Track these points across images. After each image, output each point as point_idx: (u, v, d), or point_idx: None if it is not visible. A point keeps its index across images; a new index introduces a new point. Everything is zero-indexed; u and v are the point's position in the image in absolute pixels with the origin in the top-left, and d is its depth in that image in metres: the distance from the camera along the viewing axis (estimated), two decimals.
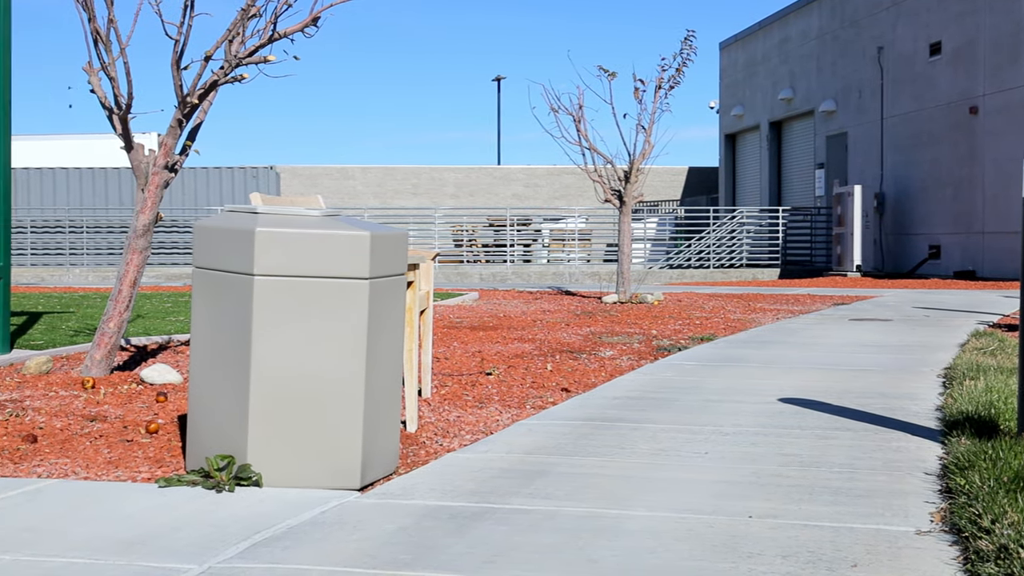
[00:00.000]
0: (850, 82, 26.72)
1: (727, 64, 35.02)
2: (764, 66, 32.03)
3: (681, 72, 15.44)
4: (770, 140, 31.80)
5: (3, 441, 5.00)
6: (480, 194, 38.91)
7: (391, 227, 4.56)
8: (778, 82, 30.87)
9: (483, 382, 7.07)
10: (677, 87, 15.45)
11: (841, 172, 27.09)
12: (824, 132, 28.10)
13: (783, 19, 30.75)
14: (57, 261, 27.87)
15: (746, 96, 33.37)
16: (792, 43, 30.11)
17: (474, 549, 3.45)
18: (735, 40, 34.23)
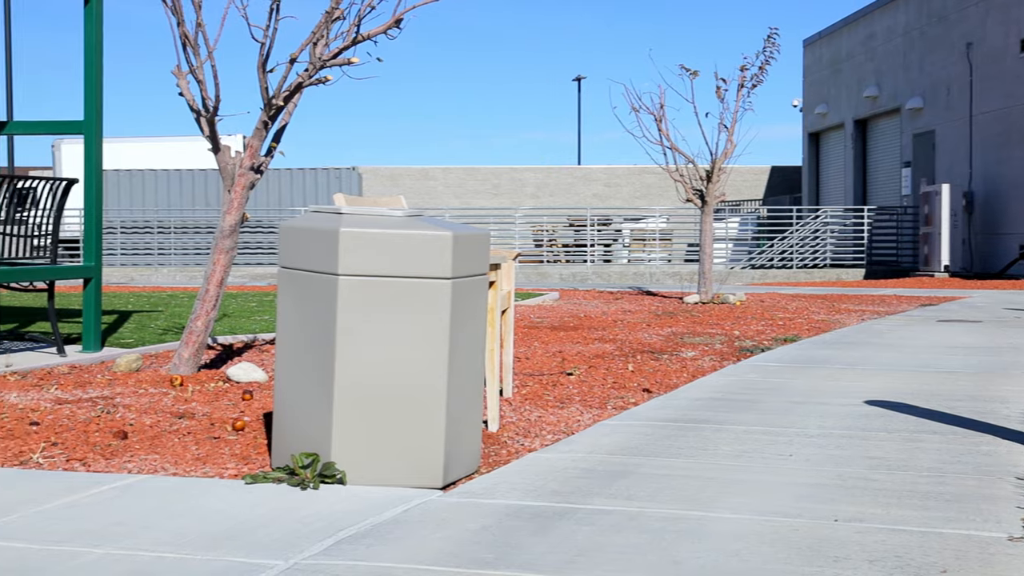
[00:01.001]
0: (938, 79, 26.22)
1: (811, 62, 34.58)
2: (849, 63, 31.57)
3: (764, 70, 15.28)
4: (855, 138, 31.34)
5: (95, 437, 5.12)
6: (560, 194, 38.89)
7: (473, 227, 4.58)
8: (863, 79, 30.41)
9: (564, 382, 7.07)
10: (760, 85, 15.31)
11: (928, 171, 26.60)
12: (911, 130, 27.61)
13: (868, 15, 30.28)
14: (146, 261, 28.43)
15: (830, 94, 32.93)
16: (878, 40, 29.64)
17: (557, 549, 3.45)
18: (819, 37, 33.79)
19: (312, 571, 3.23)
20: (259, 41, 6.85)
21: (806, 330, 10.80)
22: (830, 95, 32.95)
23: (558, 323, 11.45)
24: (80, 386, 6.56)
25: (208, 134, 7.09)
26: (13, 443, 4.98)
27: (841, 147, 32.51)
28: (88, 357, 7.96)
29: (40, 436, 5.11)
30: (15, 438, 5.07)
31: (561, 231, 28.44)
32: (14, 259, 8.29)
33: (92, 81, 8.34)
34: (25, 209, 8.40)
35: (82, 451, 4.87)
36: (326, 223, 4.33)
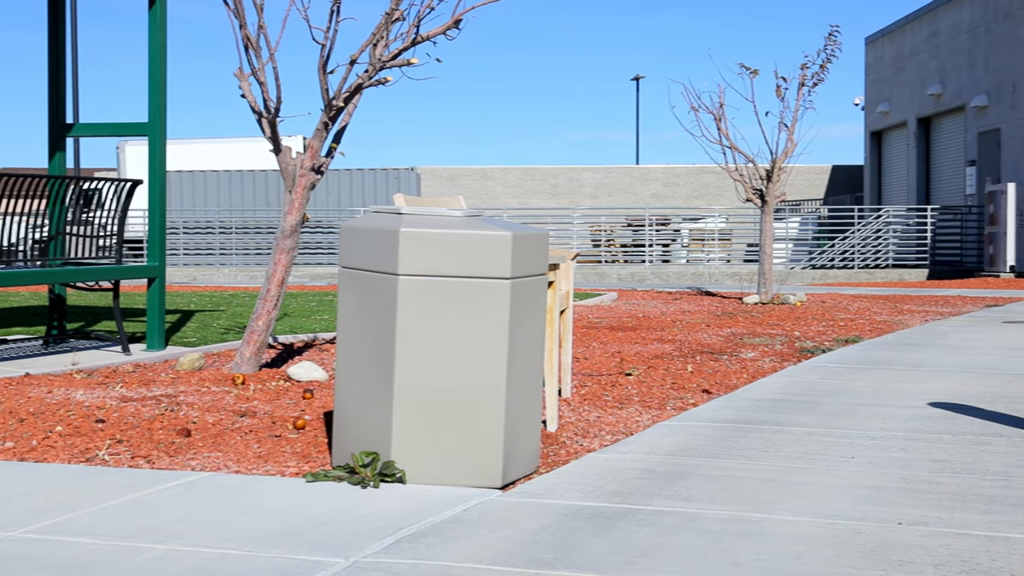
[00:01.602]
0: (1003, 76, 25.79)
1: (873, 60, 34.17)
2: (912, 61, 31.16)
3: (825, 68, 15.14)
4: (918, 137, 30.91)
5: (159, 435, 5.19)
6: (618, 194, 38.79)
7: (532, 227, 4.58)
8: (927, 77, 29.99)
9: (623, 382, 7.05)
10: (821, 84, 15.16)
11: (994, 169, 26.16)
12: (975, 128, 27.18)
13: (932, 12, 29.87)
14: (208, 261, 28.76)
15: (893, 92, 32.52)
16: (942, 37, 29.22)
17: (616, 550, 3.44)
18: (881, 35, 33.38)
19: (372, 569, 3.25)
20: (320, 43, 6.90)
21: (868, 331, 10.67)
22: (892, 93, 32.54)
23: (616, 323, 11.42)
24: (144, 384, 6.65)
25: (269, 135, 7.15)
26: (80, 440, 5.06)
27: (904, 146, 32.09)
28: (152, 356, 8.07)
29: (106, 433, 5.19)
30: (82, 435, 5.16)
31: (619, 231, 28.36)
32: (80, 259, 8.42)
33: (156, 83, 8.45)
34: (91, 210, 8.53)
35: (146, 448, 4.94)
36: (386, 223, 4.36)
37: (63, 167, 9.03)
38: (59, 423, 5.38)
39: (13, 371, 7.19)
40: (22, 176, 7.69)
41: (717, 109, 15.29)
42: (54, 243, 8.34)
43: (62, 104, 9.03)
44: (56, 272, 8.03)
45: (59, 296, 9.04)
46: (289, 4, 7.00)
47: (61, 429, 5.26)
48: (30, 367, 7.41)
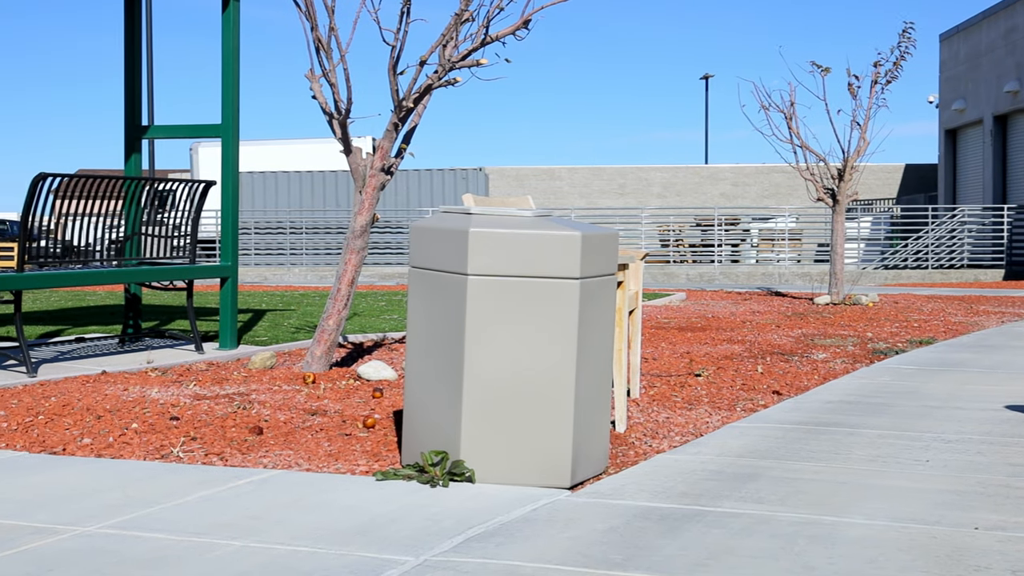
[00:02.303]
0: None
1: (947, 56, 33.61)
2: (988, 58, 30.59)
3: (898, 66, 14.92)
4: (994, 135, 30.34)
5: (232, 432, 5.26)
6: (687, 194, 38.56)
7: (601, 227, 4.57)
8: (1003, 75, 29.42)
9: (692, 383, 7.01)
10: (894, 81, 14.95)
11: None
12: None
13: (1009, 8, 29.29)
14: (278, 261, 29.07)
15: (968, 89, 31.95)
16: (1019, 33, 28.64)
17: (686, 551, 3.42)
18: (956, 31, 32.81)
19: (442, 568, 3.26)
20: (390, 44, 6.95)
21: (942, 332, 10.50)
22: (968, 90, 31.97)
23: (685, 324, 11.36)
24: (217, 382, 6.74)
25: (340, 136, 7.21)
26: (155, 437, 5.15)
27: (979, 144, 31.52)
28: (224, 354, 8.18)
29: (180, 431, 5.27)
30: (156, 432, 5.24)
31: (688, 231, 28.19)
32: (155, 259, 8.56)
33: (229, 85, 8.56)
34: (165, 211, 8.67)
35: (219, 446, 5.01)
36: (456, 223, 4.37)
37: (139, 168, 9.19)
38: (135, 420, 5.47)
39: (91, 369, 7.33)
40: (100, 177, 7.84)
41: (788, 108, 15.15)
42: (130, 243, 8.48)
43: (138, 107, 9.18)
44: (132, 272, 8.17)
45: (135, 295, 9.19)
46: (360, 6, 7.06)
47: (137, 426, 5.35)
48: (107, 365, 7.55)
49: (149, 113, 24.03)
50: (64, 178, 7.51)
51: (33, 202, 7.22)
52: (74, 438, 5.15)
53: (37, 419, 5.50)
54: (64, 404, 5.83)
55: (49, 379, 6.74)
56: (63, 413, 5.63)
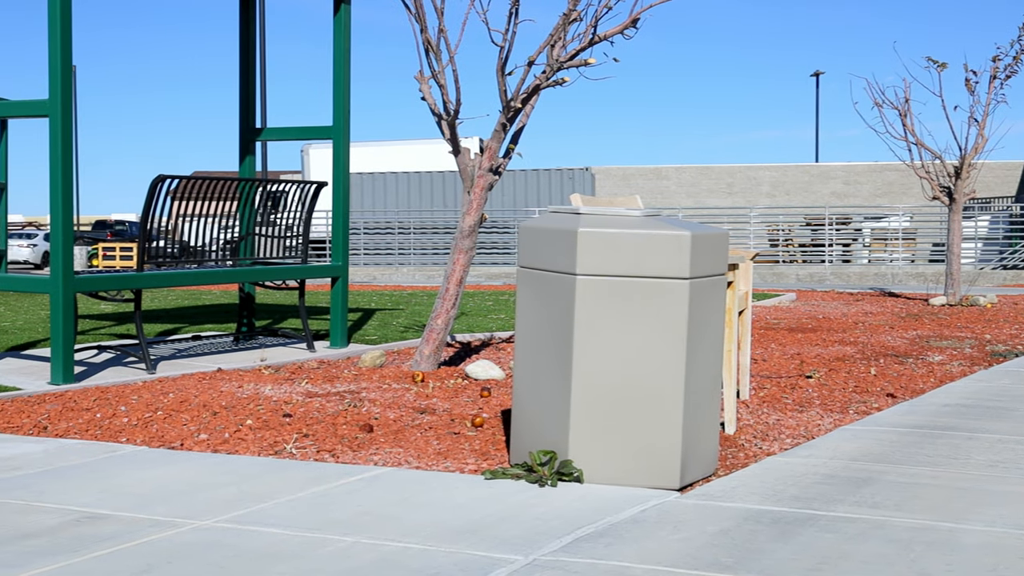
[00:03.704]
0: None
1: None
2: None
3: (1018, 60, 14.49)
4: None
5: (343, 429, 5.33)
6: (797, 192, 37.98)
7: (711, 227, 4.53)
8: None
9: (803, 385, 6.90)
10: (1014, 76, 14.52)
11: None
12: None
13: None
14: (387, 261, 29.40)
15: None
16: None
17: (798, 555, 3.37)
18: None
19: (551, 568, 3.26)
20: (498, 45, 6.98)
21: None
22: None
23: (796, 324, 11.19)
24: (328, 380, 6.85)
25: (449, 137, 7.27)
26: (269, 433, 5.25)
27: None
28: (335, 353, 8.31)
29: (293, 428, 5.36)
30: (270, 429, 5.34)
31: (798, 230, 27.77)
32: (268, 259, 8.72)
33: (340, 87, 8.69)
34: (278, 211, 8.83)
35: (331, 443, 5.08)
36: (564, 223, 4.37)
37: (253, 170, 9.38)
38: (249, 417, 5.59)
39: (206, 366, 7.50)
40: (215, 179, 8.02)
41: (902, 104, 14.83)
42: (244, 243, 8.66)
43: (252, 110, 9.37)
44: (246, 271, 8.34)
45: (248, 295, 9.38)
46: (468, 7, 7.10)
47: (251, 423, 5.46)
48: (222, 362, 7.72)
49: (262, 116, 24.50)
50: (181, 180, 7.70)
51: (152, 203, 7.41)
52: (191, 434, 5.28)
53: (156, 415, 5.65)
54: (182, 400, 5.98)
55: (167, 376, 6.91)
56: (181, 409, 5.77)
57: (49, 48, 6.64)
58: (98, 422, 5.54)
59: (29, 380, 6.92)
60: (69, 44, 6.67)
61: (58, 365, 6.74)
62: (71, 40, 6.68)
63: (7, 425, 5.54)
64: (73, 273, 6.85)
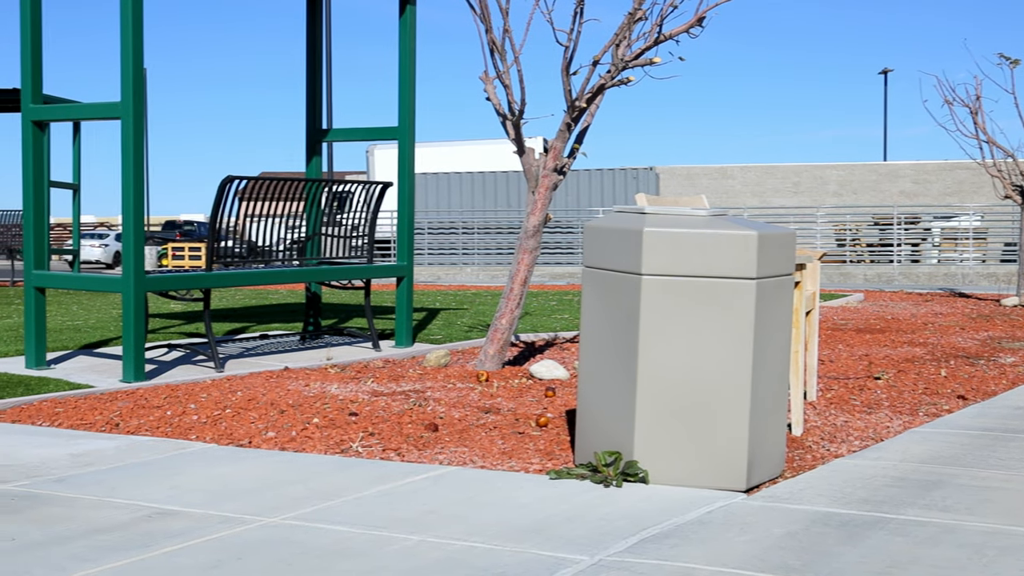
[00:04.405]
0: None
1: None
2: None
3: None
4: None
5: (408, 428, 5.36)
6: (864, 192, 37.53)
7: (778, 226, 4.49)
8: None
9: (871, 386, 6.81)
10: None
11: None
12: None
13: None
14: (451, 260, 29.51)
15: None
16: None
17: (867, 559, 3.33)
18: None
19: (617, 568, 3.25)
20: (563, 44, 6.97)
21: None
22: None
23: (863, 325, 11.05)
24: (393, 379, 6.89)
25: (513, 137, 7.28)
26: (335, 432, 5.29)
27: None
28: (400, 352, 8.36)
29: (358, 426, 5.40)
30: (336, 427, 5.39)
31: (865, 230, 27.43)
32: (333, 259, 8.80)
33: (405, 88, 8.74)
34: (344, 212, 8.91)
35: (396, 441, 5.12)
36: (629, 223, 4.36)
37: (319, 171, 9.46)
38: (316, 415, 5.64)
39: (274, 365, 7.58)
40: (283, 180, 8.10)
41: (973, 102, 14.59)
42: (311, 243, 8.74)
43: (318, 111, 9.45)
44: (313, 271, 8.42)
45: (315, 294, 9.47)
46: (533, 7, 7.10)
47: (318, 421, 5.51)
48: (289, 361, 7.80)
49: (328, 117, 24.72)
50: (249, 180, 7.80)
51: (221, 203, 7.51)
52: (259, 431, 5.34)
53: (225, 413, 5.73)
54: (249, 399, 6.05)
55: (235, 374, 7.00)
56: (249, 407, 5.84)
57: (121, 51, 6.75)
58: (168, 419, 5.63)
59: (101, 378, 7.05)
60: (141, 48, 6.77)
61: (129, 363, 6.85)
62: (143, 44, 6.79)
63: (80, 422, 5.65)
64: (144, 273, 6.96)
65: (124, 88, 6.79)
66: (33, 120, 7.35)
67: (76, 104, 7.37)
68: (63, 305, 13.53)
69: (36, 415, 5.81)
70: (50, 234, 8.16)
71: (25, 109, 7.35)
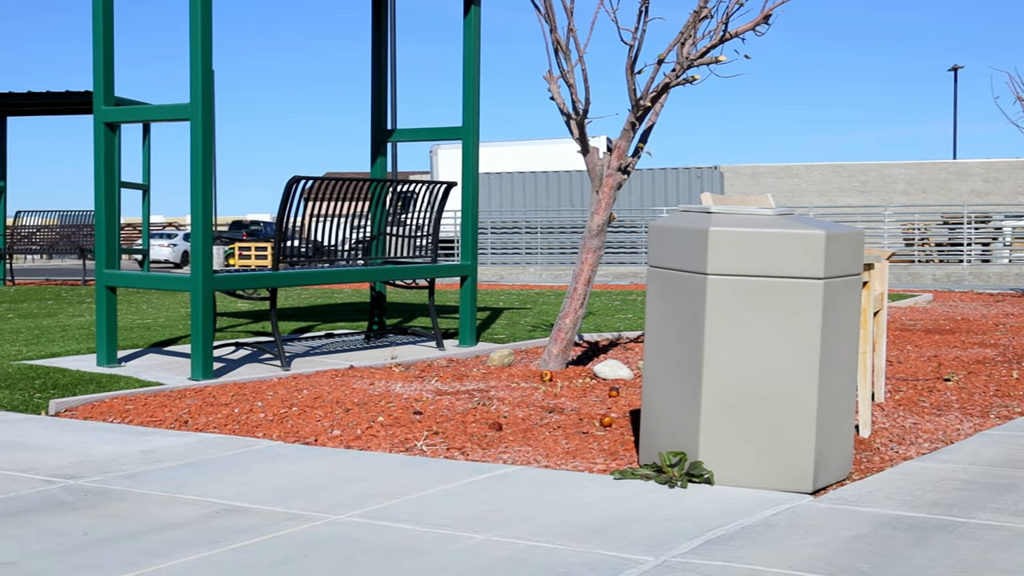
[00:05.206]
0: None
1: None
2: None
3: None
4: None
5: (472, 428, 5.38)
6: (933, 190, 36.97)
7: (845, 226, 4.44)
8: None
9: (940, 388, 6.71)
10: None
11: None
12: None
13: None
14: (514, 260, 29.55)
15: None
16: None
17: (937, 563, 3.28)
18: None
19: (682, 569, 3.24)
20: (627, 43, 6.95)
21: None
22: None
23: (932, 326, 10.89)
24: (457, 378, 6.91)
25: (577, 136, 7.27)
26: (399, 431, 5.32)
27: None
28: (464, 351, 8.38)
29: (423, 425, 5.43)
30: (401, 426, 5.42)
31: (934, 229, 27.04)
32: (398, 258, 8.85)
33: (470, 88, 8.76)
34: (408, 211, 8.95)
35: (460, 440, 5.13)
36: (695, 222, 4.34)
37: (384, 171, 9.52)
38: (381, 414, 5.67)
39: (339, 364, 7.65)
40: (348, 180, 8.16)
41: None
42: (375, 243, 8.80)
43: (383, 112, 9.51)
44: (378, 270, 8.47)
45: (380, 293, 9.53)
46: (598, 6, 7.09)
47: (383, 419, 5.55)
48: (353, 360, 7.86)
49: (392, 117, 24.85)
50: (315, 181, 7.87)
51: (287, 203, 7.59)
52: (325, 429, 5.39)
53: (291, 410, 5.78)
54: (315, 397, 6.10)
55: (301, 373, 7.07)
56: (314, 405, 5.89)
57: (190, 55, 6.84)
58: (236, 417, 5.70)
59: (170, 375, 7.15)
60: (210, 51, 6.86)
61: (198, 361, 6.94)
62: (211, 47, 6.88)
63: (150, 419, 5.74)
64: (212, 272, 7.05)
65: (193, 90, 6.88)
66: (104, 122, 7.47)
67: (146, 106, 7.48)
68: (133, 304, 13.75)
69: (107, 412, 5.92)
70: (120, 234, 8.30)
71: (97, 111, 7.48)
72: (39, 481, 4.36)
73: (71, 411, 6.00)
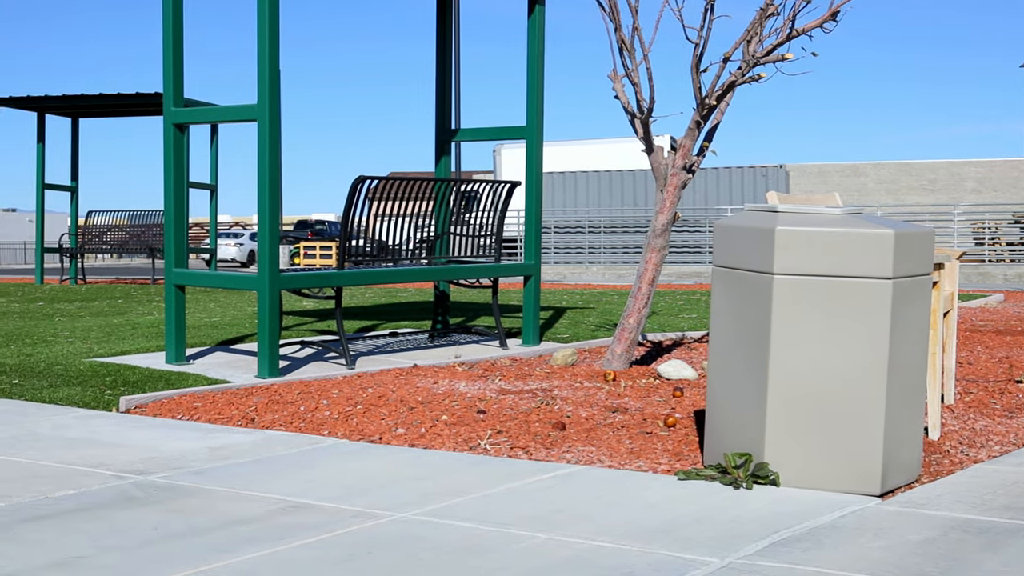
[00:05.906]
0: None
1: None
2: None
3: None
4: None
5: (535, 427, 5.38)
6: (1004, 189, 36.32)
7: (914, 225, 4.37)
8: None
9: (1012, 390, 6.59)
10: None
11: None
12: None
13: None
14: (577, 259, 29.51)
15: None
16: None
17: (1010, 568, 3.22)
18: None
19: (748, 571, 3.21)
20: (693, 42, 6.91)
21: None
22: None
23: (1004, 326, 10.70)
24: (520, 378, 6.92)
25: (642, 135, 7.24)
26: (463, 429, 5.34)
27: None
28: (527, 350, 8.38)
29: (486, 424, 5.44)
30: (464, 425, 5.43)
31: (1005, 228, 26.57)
32: (461, 257, 8.88)
33: (533, 88, 8.76)
34: (472, 211, 8.98)
35: (524, 440, 5.14)
36: (761, 221, 4.30)
37: (448, 170, 9.55)
38: (444, 412, 5.69)
39: (403, 362, 7.69)
40: (412, 179, 8.20)
41: None
42: (439, 242, 8.84)
43: (448, 111, 9.55)
44: (442, 270, 8.51)
45: (443, 292, 9.57)
46: (663, 5, 7.05)
47: (446, 418, 5.57)
48: (417, 359, 7.90)
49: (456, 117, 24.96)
50: (380, 180, 7.91)
51: (352, 203, 7.64)
52: (389, 428, 5.42)
53: (356, 409, 5.83)
54: (380, 395, 6.14)
55: (366, 371, 7.11)
56: (379, 404, 5.93)
57: (258, 56, 6.91)
58: (301, 415, 5.75)
59: (237, 373, 7.24)
60: (277, 53, 6.93)
61: (264, 359, 7.02)
62: (279, 49, 6.94)
63: (218, 416, 5.81)
64: (279, 271, 7.12)
65: (260, 91, 6.95)
66: (174, 123, 7.58)
67: (214, 107, 7.57)
68: (200, 302, 13.93)
69: (176, 409, 6.00)
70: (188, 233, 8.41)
71: (167, 112, 7.58)
72: (110, 476, 4.44)
73: (141, 408, 6.09)
